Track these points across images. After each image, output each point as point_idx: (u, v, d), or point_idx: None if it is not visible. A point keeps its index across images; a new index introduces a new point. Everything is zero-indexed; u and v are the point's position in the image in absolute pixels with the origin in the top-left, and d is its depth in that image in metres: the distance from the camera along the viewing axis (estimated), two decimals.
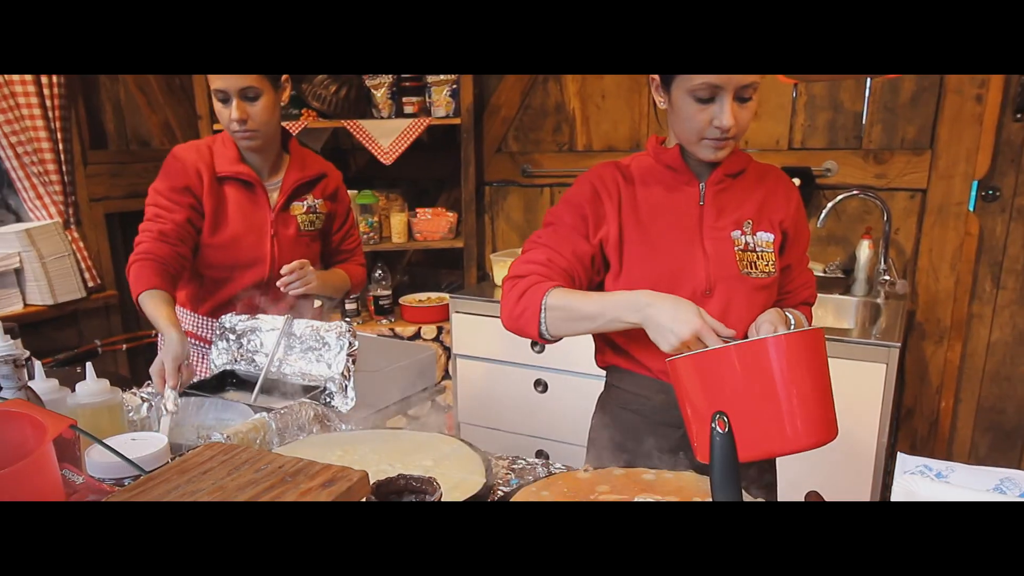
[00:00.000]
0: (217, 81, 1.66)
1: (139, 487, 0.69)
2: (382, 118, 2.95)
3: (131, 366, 2.85)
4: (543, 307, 1.23)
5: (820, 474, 1.83)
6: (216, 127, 2.81)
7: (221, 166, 1.76)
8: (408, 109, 2.98)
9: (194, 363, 1.93)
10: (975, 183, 2.45)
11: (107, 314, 2.81)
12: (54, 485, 0.79)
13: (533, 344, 2.45)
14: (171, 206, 1.70)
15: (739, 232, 1.32)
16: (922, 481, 0.86)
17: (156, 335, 2.02)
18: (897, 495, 0.81)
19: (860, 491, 2.07)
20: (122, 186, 2.92)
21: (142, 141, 3.03)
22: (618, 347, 1.39)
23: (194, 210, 1.73)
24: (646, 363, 1.36)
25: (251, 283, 1.82)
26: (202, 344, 1.90)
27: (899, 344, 1.99)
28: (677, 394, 1.14)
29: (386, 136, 2.85)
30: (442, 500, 0.96)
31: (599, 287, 1.37)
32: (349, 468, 0.72)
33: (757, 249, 1.33)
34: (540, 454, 2.49)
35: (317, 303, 2.91)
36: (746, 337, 1.36)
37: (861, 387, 2.02)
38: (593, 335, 1.45)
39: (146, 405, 1.51)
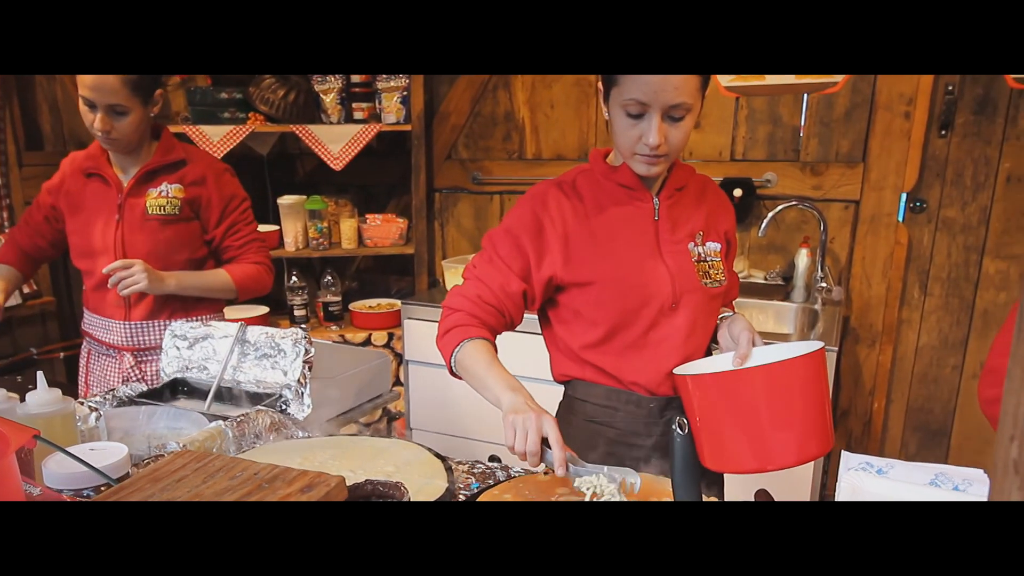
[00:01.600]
0: (85, 90, 1.68)
1: (112, 496, 0.68)
2: (331, 123, 2.93)
3: (68, 374, 2.76)
4: (453, 359, 1.27)
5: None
6: None
7: (86, 162, 1.86)
8: (358, 115, 2.97)
9: (92, 362, 1.97)
10: (904, 195, 2.58)
11: (43, 321, 2.72)
12: (16, 497, 0.77)
13: None
14: (38, 204, 1.93)
15: (693, 244, 1.36)
16: (866, 477, 0.92)
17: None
18: (844, 490, 0.86)
19: (800, 487, 2.16)
20: None
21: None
22: (582, 359, 1.39)
23: (53, 209, 1.90)
24: (616, 374, 1.36)
25: (105, 271, 1.80)
26: (97, 344, 1.94)
27: (836, 348, 2.08)
28: (687, 406, 1.21)
29: (335, 142, 2.84)
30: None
31: (551, 302, 1.39)
32: (325, 473, 0.73)
33: (708, 259, 1.37)
34: (493, 459, 2.51)
35: (267, 310, 2.88)
36: (715, 343, 1.42)
37: None
38: (547, 346, 1.48)
39: (94, 415, 1.47)
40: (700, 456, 1.21)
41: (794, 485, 2.12)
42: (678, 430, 0.88)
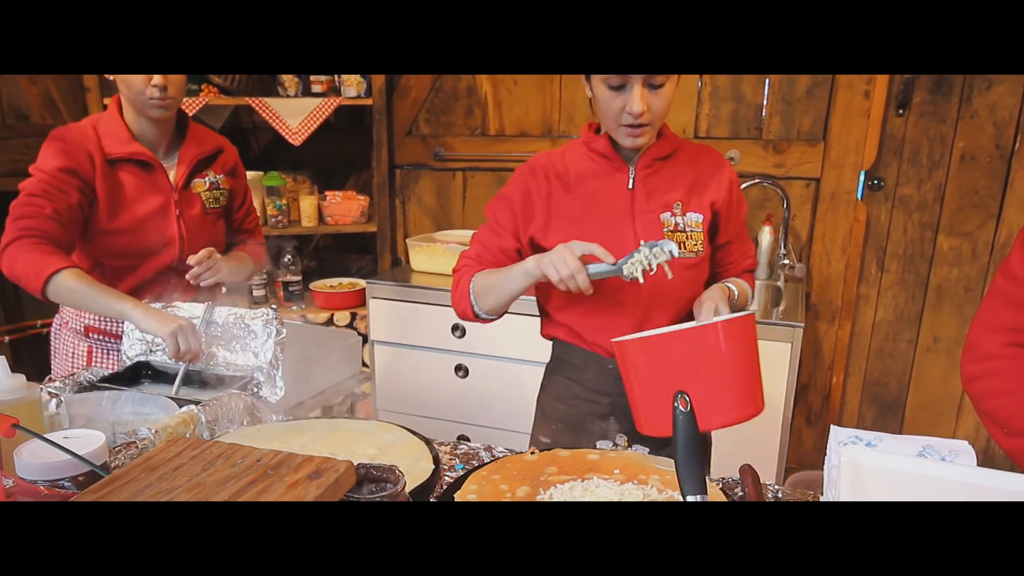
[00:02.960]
0: None
1: (105, 487, 0.64)
2: (288, 96, 2.84)
3: (14, 359, 2.63)
4: (470, 290, 1.40)
5: (736, 447, 1.93)
6: (106, 101, 2.63)
7: (112, 147, 1.65)
8: (316, 88, 2.88)
9: (99, 359, 1.82)
10: (862, 173, 2.63)
11: None
12: None
13: (454, 329, 2.45)
14: (63, 186, 1.57)
15: (669, 214, 1.39)
16: (861, 450, 0.93)
17: (41, 326, 1.89)
18: (845, 465, 0.86)
19: (768, 463, 2.21)
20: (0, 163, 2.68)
21: (20, 114, 2.79)
22: (556, 320, 1.49)
23: (83, 194, 1.60)
24: (583, 335, 1.46)
25: (159, 268, 1.74)
26: (108, 339, 1.79)
27: (803, 324, 2.12)
28: (623, 372, 1.30)
29: (294, 116, 2.75)
30: (405, 488, 0.95)
31: None
32: (332, 459, 0.70)
33: (687, 229, 1.39)
34: (462, 439, 2.49)
35: (223, 290, 2.80)
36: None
37: (768, 365, 2.14)
38: (540, 308, 1.54)
39: (54, 401, 1.40)
40: (636, 422, 1.31)
41: (764, 460, 2.16)
42: (679, 407, 0.87)
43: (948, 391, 2.70)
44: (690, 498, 0.85)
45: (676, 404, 0.89)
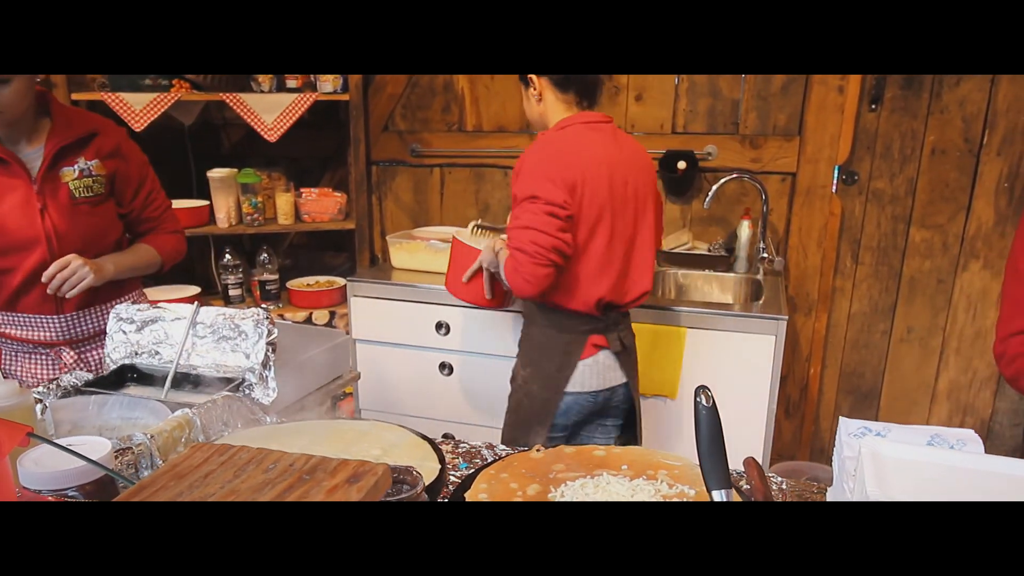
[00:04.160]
0: None
1: (136, 496, 0.61)
2: (263, 92, 2.78)
3: None
4: None
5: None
6: (73, 96, 2.55)
7: None
8: (291, 83, 2.82)
9: (7, 362, 1.76)
10: (837, 167, 2.68)
11: None
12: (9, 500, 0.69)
13: (438, 327, 2.43)
14: None
15: None
16: (881, 441, 0.94)
17: None
18: (866, 456, 0.87)
19: (753, 454, 2.23)
20: None
21: None
22: None
23: None
24: None
25: (35, 267, 1.66)
26: (11, 341, 1.75)
27: (786, 317, 2.14)
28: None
29: (269, 112, 2.69)
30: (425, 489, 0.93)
31: None
32: (368, 462, 0.69)
33: None
34: (447, 437, 2.47)
35: (199, 290, 2.73)
36: None
37: (753, 357, 2.16)
38: None
39: (39, 407, 1.35)
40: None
41: (745, 448, 2.18)
42: (703, 402, 0.87)
43: (922, 380, 2.77)
44: (715, 493, 0.85)
45: (699, 399, 0.88)
